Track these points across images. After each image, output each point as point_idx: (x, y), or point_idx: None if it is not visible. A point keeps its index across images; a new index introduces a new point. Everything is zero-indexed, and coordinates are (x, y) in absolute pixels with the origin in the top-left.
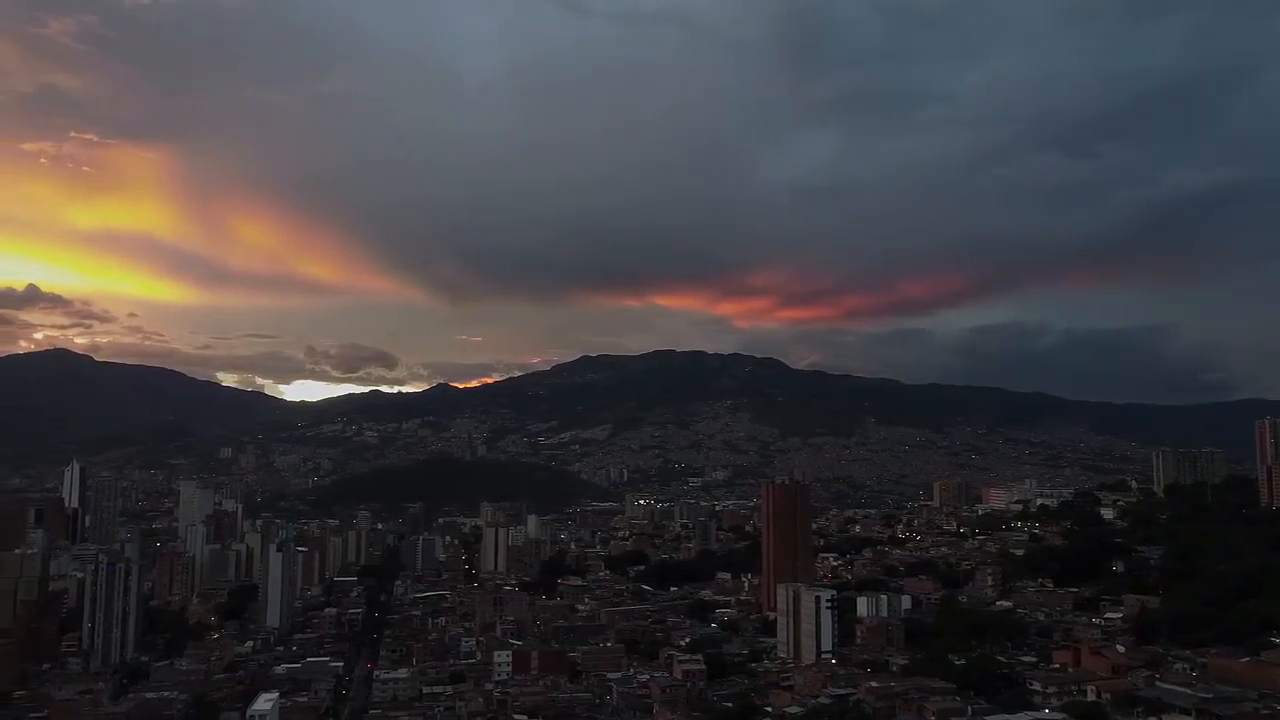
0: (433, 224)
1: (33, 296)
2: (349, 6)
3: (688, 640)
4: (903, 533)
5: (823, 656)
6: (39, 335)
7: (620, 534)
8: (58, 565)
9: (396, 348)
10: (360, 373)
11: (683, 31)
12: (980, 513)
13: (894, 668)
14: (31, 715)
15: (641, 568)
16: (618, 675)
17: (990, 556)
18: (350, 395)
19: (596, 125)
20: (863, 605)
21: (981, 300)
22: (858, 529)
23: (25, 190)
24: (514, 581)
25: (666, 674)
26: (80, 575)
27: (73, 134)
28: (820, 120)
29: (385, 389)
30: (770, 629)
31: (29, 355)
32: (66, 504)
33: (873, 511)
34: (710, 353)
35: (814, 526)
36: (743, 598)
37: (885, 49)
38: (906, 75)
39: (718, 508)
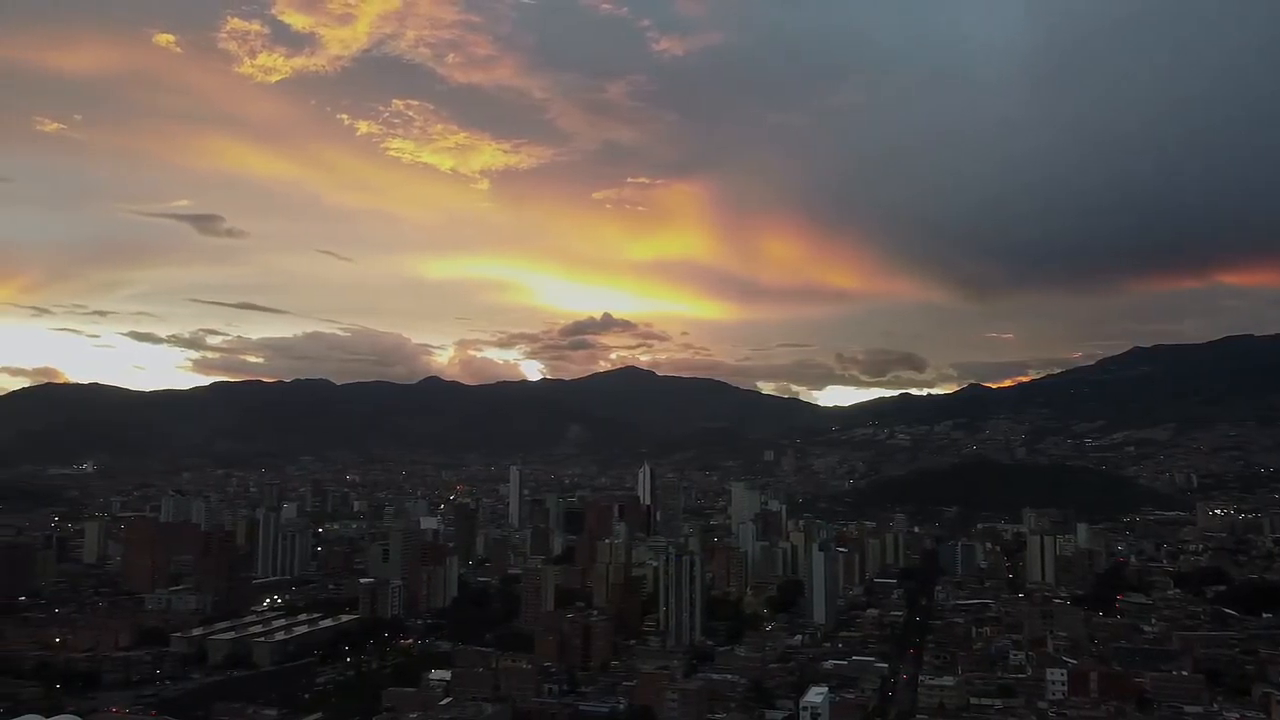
0: (952, 221)
1: (607, 323)
2: (849, 20)
3: None
4: None
5: None
6: (613, 356)
7: (1191, 547)
8: (637, 554)
9: (923, 349)
10: (888, 376)
11: None
12: None
13: None
14: (624, 684)
15: (1221, 588)
16: (1197, 710)
17: None
18: (880, 399)
19: (1132, 94)
20: None
21: None
22: None
23: (597, 232)
24: (1064, 594)
25: (1263, 715)
26: (655, 564)
27: (629, 180)
28: None
29: (915, 391)
30: None
31: (607, 374)
32: (641, 501)
33: None
34: None
35: None
36: None
37: None
38: None
39: None
